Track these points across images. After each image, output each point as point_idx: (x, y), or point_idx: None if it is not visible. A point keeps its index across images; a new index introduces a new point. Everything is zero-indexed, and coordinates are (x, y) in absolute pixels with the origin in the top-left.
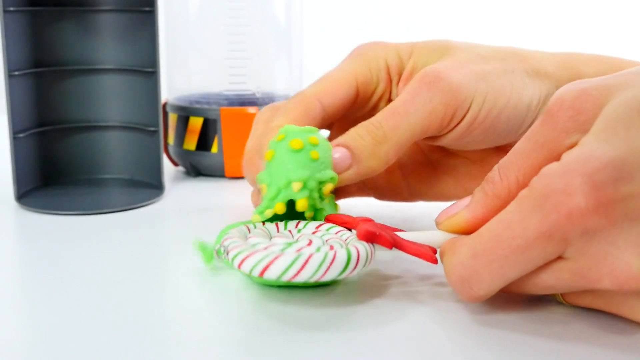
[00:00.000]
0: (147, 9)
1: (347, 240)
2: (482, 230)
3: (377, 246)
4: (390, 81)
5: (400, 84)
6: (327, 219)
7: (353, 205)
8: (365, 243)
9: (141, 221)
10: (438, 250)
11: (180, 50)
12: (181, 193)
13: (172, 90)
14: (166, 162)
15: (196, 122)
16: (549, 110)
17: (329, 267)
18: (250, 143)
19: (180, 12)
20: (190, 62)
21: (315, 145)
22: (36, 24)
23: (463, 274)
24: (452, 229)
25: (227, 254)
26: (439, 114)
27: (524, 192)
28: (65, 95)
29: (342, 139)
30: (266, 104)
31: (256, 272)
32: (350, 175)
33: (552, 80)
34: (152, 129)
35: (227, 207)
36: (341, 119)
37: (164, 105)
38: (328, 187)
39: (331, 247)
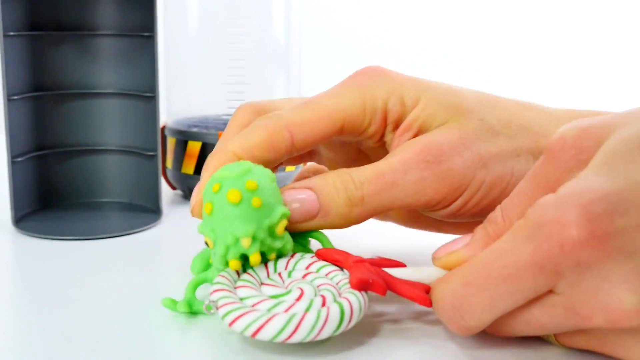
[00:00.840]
0: (146, 34)
1: (340, 285)
2: (475, 259)
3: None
4: (385, 126)
5: (398, 132)
6: (318, 255)
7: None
8: (357, 292)
9: (138, 246)
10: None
11: (179, 73)
12: (179, 217)
13: (171, 113)
14: (164, 186)
15: (194, 147)
16: (550, 151)
17: (323, 326)
18: (197, 188)
19: (179, 35)
20: (189, 85)
21: (254, 191)
22: (36, 48)
23: (454, 302)
24: (449, 266)
25: (217, 309)
26: (427, 195)
27: (518, 223)
28: (64, 119)
29: (314, 183)
30: None
31: (248, 333)
32: (310, 225)
33: None
34: (150, 153)
35: None
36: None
37: (163, 128)
38: (281, 225)
39: (323, 300)
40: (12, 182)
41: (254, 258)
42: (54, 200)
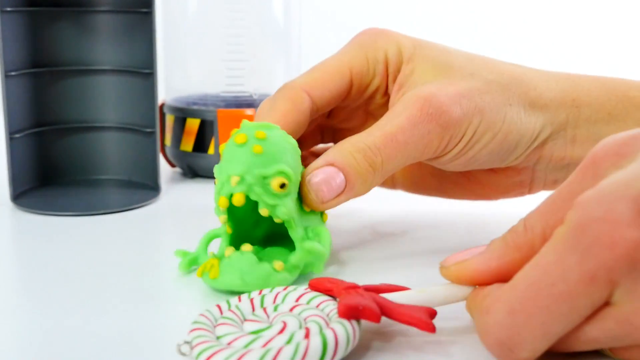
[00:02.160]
0: (144, 10)
1: (330, 316)
2: (517, 279)
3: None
4: (387, 76)
5: (395, 87)
6: (311, 286)
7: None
8: (346, 322)
9: (137, 222)
10: (437, 311)
11: (178, 51)
12: (177, 194)
13: (170, 91)
14: (163, 164)
15: (193, 124)
16: (591, 158)
17: None
18: None
19: (178, 13)
20: (188, 63)
21: (260, 139)
22: (33, 24)
23: (501, 336)
24: (457, 276)
25: (192, 349)
26: (433, 146)
27: (558, 230)
28: (62, 96)
29: (335, 158)
30: None
31: None
32: (339, 200)
33: (548, 115)
34: (148, 130)
35: None
36: (336, 108)
37: (161, 106)
38: (276, 182)
39: (307, 332)
40: (10, 158)
41: (237, 197)
42: (53, 177)
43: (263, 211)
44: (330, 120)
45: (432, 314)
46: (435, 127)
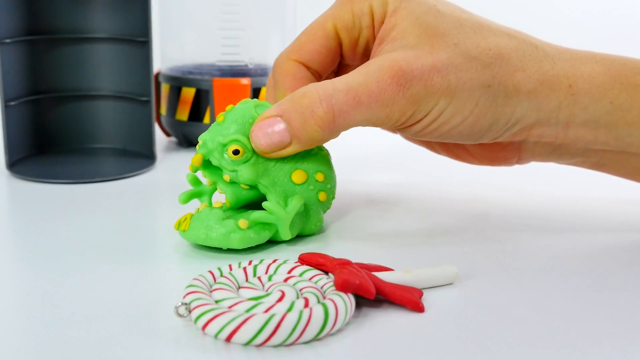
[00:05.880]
0: None
1: (324, 289)
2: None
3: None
4: (374, 28)
5: (377, 41)
6: (301, 260)
7: (346, 211)
8: (343, 294)
9: (132, 191)
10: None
11: (174, 20)
12: (173, 163)
13: (165, 60)
14: (158, 133)
15: (188, 93)
16: None
17: (305, 328)
18: None
19: None
20: (184, 32)
21: (227, 111)
22: None
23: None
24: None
25: (190, 312)
26: (394, 117)
27: None
28: (57, 64)
29: (284, 109)
30: (259, 75)
31: (223, 336)
32: (288, 151)
33: (534, 101)
34: (144, 98)
35: None
36: (342, 66)
37: (157, 75)
38: (230, 148)
39: (306, 302)
40: (5, 126)
41: (196, 157)
42: (48, 145)
43: (226, 177)
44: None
45: (420, 294)
46: (401, 98)
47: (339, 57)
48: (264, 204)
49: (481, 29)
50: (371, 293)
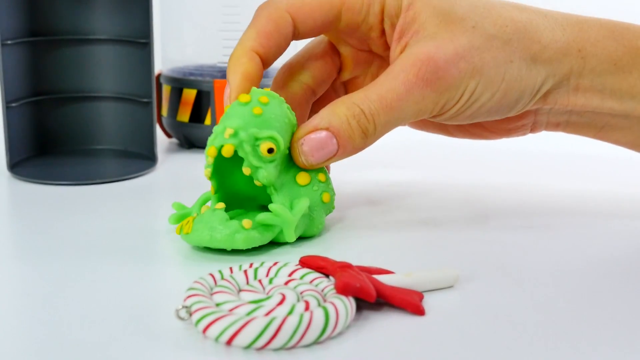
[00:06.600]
0: None
1: (325, 292)
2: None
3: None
4: (382, 19)
5: (396, 35)
6: (302, 263)
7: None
8: (344, 297)
9: (133, 192)
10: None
11: (175, 22)
12: (174, 165)
13: (166, 61)
14: (159, 134)
15: (190, 94)
16: None
17: (305, 331)
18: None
19: None
20: (185, 34)
21: (263, 103)
22: None
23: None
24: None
25: (191, 315)
26: (427, 110)
27: None
28: (58, 65)
29: (329, 121)
30: None
31: (224, 340)
32: (331, 162)
33: (551, 67)
34: (145, 100)
35: None
36: (338, 42)
37: (158, 76)
38: (265, 145)
39: (306, 305)
40: (6, 127)
41: (226, 148)
42: (50, 147)
43: (246, 170)
44: (341, 75)
45: (421, 297)
46: (430, 92)
47: (327, 31)
48: (270, 206)
49: (494, 7)
50: (372, 296)
